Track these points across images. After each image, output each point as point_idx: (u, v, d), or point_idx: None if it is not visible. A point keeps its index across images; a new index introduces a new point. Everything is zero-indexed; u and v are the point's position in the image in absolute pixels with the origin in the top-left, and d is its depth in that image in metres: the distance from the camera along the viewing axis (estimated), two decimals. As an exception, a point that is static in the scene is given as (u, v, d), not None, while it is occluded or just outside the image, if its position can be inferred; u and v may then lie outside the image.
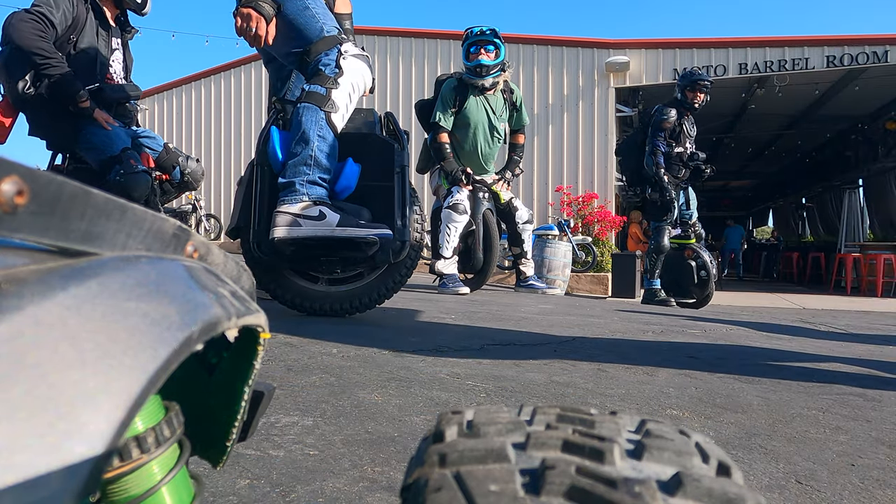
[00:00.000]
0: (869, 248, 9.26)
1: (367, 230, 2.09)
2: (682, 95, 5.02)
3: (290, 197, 2.11)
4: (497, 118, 4.60)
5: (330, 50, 2.22)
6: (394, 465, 0.89)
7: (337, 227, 2.07)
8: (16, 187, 0.20)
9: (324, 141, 2.15)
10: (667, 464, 0.26)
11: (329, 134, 2.17)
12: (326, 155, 2.16)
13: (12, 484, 0.17)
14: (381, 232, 2.11)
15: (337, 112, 2.18)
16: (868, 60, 7.99)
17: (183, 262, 0.30)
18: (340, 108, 2.19)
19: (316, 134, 2.13)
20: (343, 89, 2.19)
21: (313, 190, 2.13)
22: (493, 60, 4.42)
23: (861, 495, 0.90)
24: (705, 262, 4.87)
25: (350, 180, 2.28)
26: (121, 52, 3.26)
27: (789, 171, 16.11)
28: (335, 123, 2.18)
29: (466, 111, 4.52)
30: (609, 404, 1.34)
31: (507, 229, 4.96)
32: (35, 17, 2.79)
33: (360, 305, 2.43)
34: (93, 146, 2.96)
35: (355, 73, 2.24)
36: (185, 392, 0.36)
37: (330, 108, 2.15)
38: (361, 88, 2.29)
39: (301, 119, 2.15)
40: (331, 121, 2.16)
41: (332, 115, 2.16)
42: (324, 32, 2.23)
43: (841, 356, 2.29)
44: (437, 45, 9.89)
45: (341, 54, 2.21)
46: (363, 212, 2.25)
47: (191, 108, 11.77)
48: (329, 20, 2.28)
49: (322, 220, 2.08)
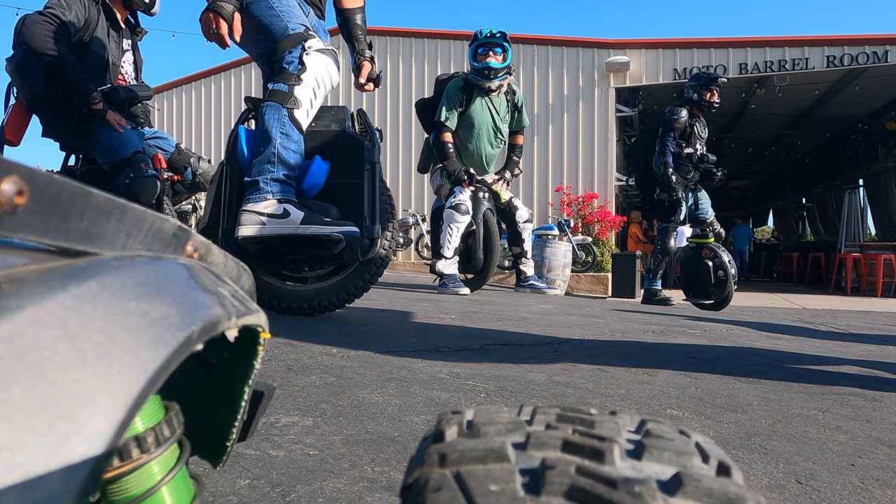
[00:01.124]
0: (869, 248, 9.26)
1: (332, 228, 2.07)
2: (699, 95, 4.91)
3: (255, 195, 2.10)
4: (501, 120, 4.61)
5: (294, 47, 2.21)
6: (394, 465, 0.89)
7: (301, 224, 2.05)
8: (16, 187, 0.20)
9: (287, 138, 2.13)
10: (667, 464, 0.26)
11: (293, 131, 2.15)
12: (291, 152, 2.14)
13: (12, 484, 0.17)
14: (347, 229, 2.09)
15: (300, 108, 2.15)
16: (868, 60, 7.99)
17: (183, 262, 0.30)
18: (304, 104, 2.16)
19: (279, 131, 2.12)
20: (306, 85, 2.17)
21: (278, 188, 2.11)
22: (501, 63, 4.43)
23: (861, 495, 0.90)
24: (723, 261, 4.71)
25: (318, 178, 2.26)
26: (131, 53, 3.28)
27: (789, 171, 16.11)
28: (299, 120, 2.16)
29: (471, 112, 4.53)
30: (609, 404, 1.34)
31: (508, 229, 4.96)
32: (48, 19, 2.80)
33: (329, 304, 2.41)
34: (104, 148, 2.98)
35: (319, 68, 2.22)
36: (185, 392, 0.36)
37: (292, 105, 2.13)
38: (327, 83, 2.26)
39: (264, 117, 2.14)
40: (294, 117, 2.14)
41: (294, 112, 2.14)
42: (288, 31, 2.22)
43: (841, 356, 2.29)
44: (437, 44, 9.89)
45: (304, 50, 2.20)
46: (331, 209, 2.23)
47: (191, 108, 11.77)
48: (295, 18, 2.26)
49: (286, 219, 2.06)
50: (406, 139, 9.99)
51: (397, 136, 10.05)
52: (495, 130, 4.62)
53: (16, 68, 2.88)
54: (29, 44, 2.77)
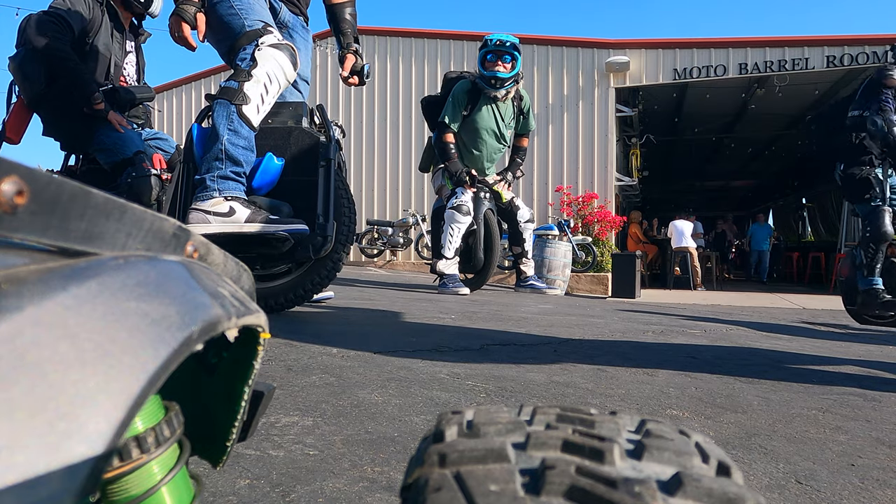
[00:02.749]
0: (869, 248, 9.24)
1: (278, 226, 2.05)
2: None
3: (203, 194, 2.09)
4: (505, 126, 4.61)
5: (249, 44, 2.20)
6: (394, 465, 0.89)
7: (245, 222, 2.03)
8: (16, 187, 0.20)
9: (235, 135, 2.11)
10: (667, 464, 0.26)
11: (242, 127, 2.12)
12: (240, 149, 2.12)
13: (12, 484, 0.17)
14: (294, 227, 2.07)
15: (249, 104, 2.12)
16: (868, 60, 7.99)
17: (183, 262, 0.30)
18: (253, 99, 2.13)
19: (226, 128, 2.10)
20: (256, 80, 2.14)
21: (225, 185, 2.09)
22: (508, 73, 4.42)
23: (861, 495, 0.90)
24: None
25: (270, 175, 2.24)
26: (134, 55, 3.28)
27: (789, 171, 16.10)
28: (248, 116, 2.13)
29: (476, 116, 4.53)
30: (609, 404, 1.34)
31: (509, 228, 4.97)
32: (52, 19, 2.81)
33: (285, 302, 2.38)
34: (105, 148, 2.98)
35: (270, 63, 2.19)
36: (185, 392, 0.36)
37: (240, 101, 2.10)
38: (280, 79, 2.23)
39: (213, 115, 2.13)
40: (243, 114, 2.11)
41: (243, 108, 2.11)
42: (245, 28, 2.21)
43: (841, 356, 2.29)
44: (437, 44, 9.89)
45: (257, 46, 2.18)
46: (282, 207, 2.20)
47: (191, 108, 11.77)
48: (254, 15, 2.25)
49: (230, 217, 2.04)
50: (406, 139, 9.99)
51: (397, 135, 10.04)
52: (499, 136, 4.62)
53: (18, 67, 2.88)
54: (33, 43, 2.78)
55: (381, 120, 10.08)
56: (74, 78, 2.84)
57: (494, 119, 4.56)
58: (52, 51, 2.78)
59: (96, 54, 3.00)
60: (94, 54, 2.99)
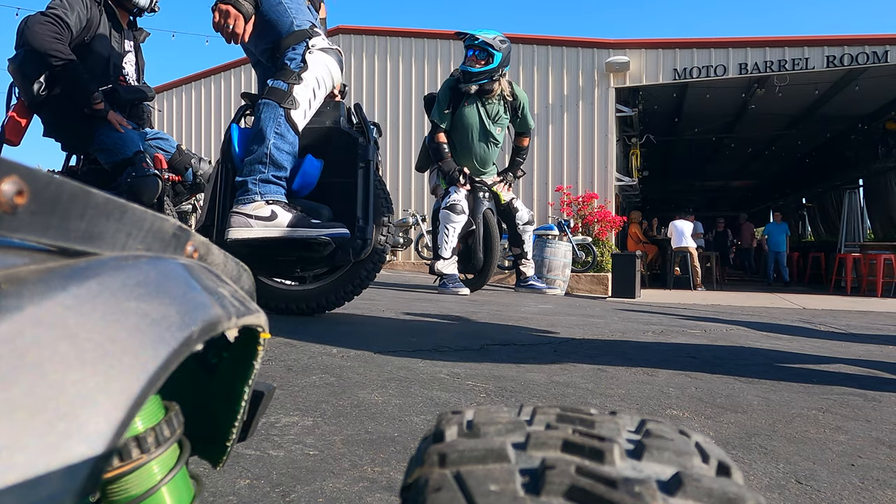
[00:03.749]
0: (869, 248, 9.26)
1: (320, 230, 2.03)
2: None
3: (244, 197, 2.06)
4: (491, 123, 4.58)
5: (298, 44, 2.15)
6: (394, 465, 0.89)
7: (287, 227, 2.01)
8: (16, 187, 0.20)
9: (281, 139, 2.08)
10: (667, 464, 0.26)
11: (288, 132, 2.09)
12: (284, 153, 2.09)
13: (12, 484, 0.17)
14: (336, 232, 2.04)
15: (297, 109, 2.09)
16: (868, 60, 7.99)
17: (183, 262, 0.30)
18: (302, 104, 2.10)
19: (273, 131, 2.07)
20: (306, 85, 2.11)
21: (267, 189, 2.07)
22: (478, 68, 4.40)
23: (861, 495, 0.90)
24: None
25: (310, 177, 2.20)
26: (133, 55, 3.28)
27: (789, 171, 16.10)
28: (295, 121, 2.10)
29: (460, 114, 4.53)
30: (609, 404, 1.34)
31: (508, 230, 4.96)
32: (51, 20, 2.81)
33: (326, 304, 2.39)
34: (106, 148, 2.98)
35: (321, 67, 2.16)
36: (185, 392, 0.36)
37: (290, 105, 2.08)
38: (328, 84, 2.21)
39: (260, 116, 2.09)
40: (290, 118, 2.08)
41: (291, 113, 2.08)
42: (294, 27, 2.17)
43: (841, 356, 2.29)
44: (437, 44, 9.89)
45: (308, 48, 2.14)
46: (322, 210, 2.18)
47: (191, 108, 11.77)
48: (302, 14, 2.22)
49: (273, 221, 2.02)
50: (406, 139, 9.99)
51: (397, 135, 10.04)
52: (485, 134, 4.59)
53: (18, 68, 2.88)
54: (31, 44, 2.78)
55: (380, 120, 10.07)
56: (74, 78, 2.84)
57: (479, 116, 4.53)
58: (50, 51, 2.78)
59: (95, 54, 3.00)
60: (92, 54, 2.99)
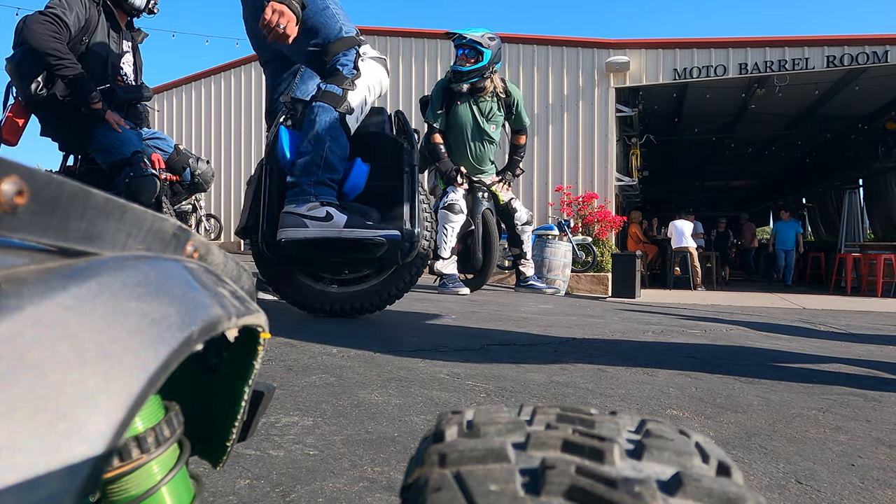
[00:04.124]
0: (869, 248, 9.26)
1: (375, 231, 2.07)
2: None
3: (298, 198, 2.09)
4: (486, 121, 4.58)
5: (348, 50, 2.20)
6: (394, 465, 0.89)
7: (344, 228, 2.06)
8: (16, 187, 0.20)
9: (336, 142, 2.13)
10: (667, 464, 0.26)
11: (341, 136, 2.14)
12: (337, 156, 2.14)
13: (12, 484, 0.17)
14: (389, 233, 2.09)
15: (352, 114, 2.15)
16: (868, 60, 7.99)
17: (183, 262, 0.30)
18: (356, 110, 2.16)
19: (329, 135, 2.11)
20: (359, 91, 2.16)
21: (321, 191, 2.11)
22: (467, 67, 4.40)
23: (861, 495, 0.90)
24: None
25: (359, 180, 2.25)
26: (131, 55, 3.28)
27: (789, 171, 16.10)
28: (349, 126, 2.16)
29: (454, 113, 4.54)
30: (609, 404, 1.34)
31: (507, 230, 4.96)
32: (49, 19, 2.81)
33: (370, 306, 2.43)
34: (103, 147, 2.98)
35: (372, 75, 2.22)
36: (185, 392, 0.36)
37: (345, 110, 2.13)
38: (377, 92, 2.27)
39: (315, 118, 2.12)
40: (345, 122, 2.14)
41: (346, 117, 2.13)
42: (342, 32, 2.21)
43: (841, 356, 2.29)
44: (438, 44, 9.89)
45: (360, 56, 2.20)
46: (371, 212, 2.23)
47: (191, 108, 11.77)
48: (348, 21, 2.27)
49: (329, 221, 2.06)
50: (406, 139, 9.98)
51: (397, 136, 10.04)
52: (479, 131, 4.59)
53: (15, 68, 2.88)
54: (29, 43, 2.78)
55: (381, 120, 10.07)
56: (72, 78, 2.84)
57: (472, 115, 4.54)
58: (48, 51, 2.77)
59: (93, 54, 3.00)
60: (90, 54, 2.99)
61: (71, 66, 2.83)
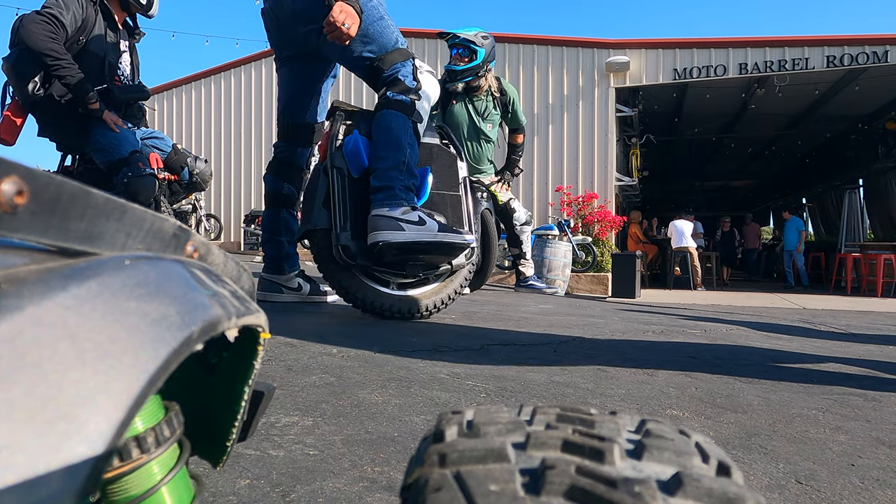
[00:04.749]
0: (869, 248, 9.26)
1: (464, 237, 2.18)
2: None
3: (390, 201, 2.13)
4: (481, 120, 4.58)
5: (405, 61, 2.27)
6: (394, 465, 0.89)
7: (439, 232, 2.14)
8: (16, 187, 0.20)
9: (412, 149, 2.20)
10: (667, 464, 0.26)
11: (416, 142, 2.22)
12: (414, 163, 2.22)
13: (12, 484, 0.17)
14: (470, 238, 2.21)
15: (422, 122, 2.25)
16: (868, 60, 7.99)
17: (183, 262, 0.30)
18: (424, 119, 2.27)
19: (407, 141, 2.18)
20: (423, 101, 2.26)
21: (409, 195, 2.17)
22: (461, 66, 4.41)
23: (861, 495, 0.90)
24: None
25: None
26: (128, 55, 3.28)
27: (789, 171, 16.10)
28: (420, 133, 2.25)
29: (450, 113, 4.54)
30: (609, 404, 1.34)
31: (506, 230, 4.96)
32: (46, 19, 2.80)
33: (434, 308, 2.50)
34: (101, 147, 2.98)
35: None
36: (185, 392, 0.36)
37: (417, 119, 2.22)
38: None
39: (391, 125, 2.17)
40: (416, 130, 2.22)
41: (418, 125, 2.22)
42: (398, 44, 2.29)
43: (841, 356, 2.29)
44: (438, 45, 9.89)
45: (417, 68, 2.28)
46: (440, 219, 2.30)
47: (191, 108, 11.77)
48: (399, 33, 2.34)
49: (424, 226, 2.13)
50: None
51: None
52: (475, 130, 4.59)
53: (12, 68, 2.88)
54: (26, 43, 2.77)
55: (381, 120, 10.07)
56: (68, 78, 2.83)
57: (468, 114, 4.54)
58: (45, 51, 2.77)
59: (90, 54, 2.99)
60: (88, 54, 2.98)
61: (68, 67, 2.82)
